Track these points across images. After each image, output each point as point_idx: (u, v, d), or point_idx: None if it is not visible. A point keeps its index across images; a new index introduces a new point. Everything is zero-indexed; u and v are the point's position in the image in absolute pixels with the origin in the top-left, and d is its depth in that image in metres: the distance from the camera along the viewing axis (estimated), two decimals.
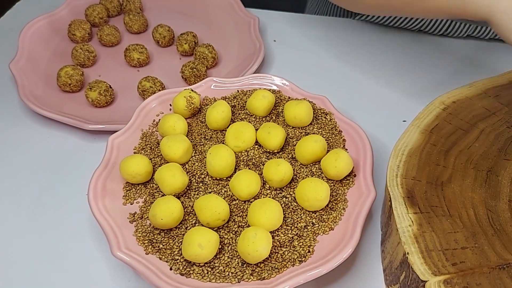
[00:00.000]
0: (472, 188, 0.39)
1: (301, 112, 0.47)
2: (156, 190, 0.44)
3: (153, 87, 0.55)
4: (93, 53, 0.61)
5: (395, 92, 0.59)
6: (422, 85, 0.59)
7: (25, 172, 0.51)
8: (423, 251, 0.35)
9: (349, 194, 0.43)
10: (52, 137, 0.54)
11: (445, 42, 0.65)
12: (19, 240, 0.45)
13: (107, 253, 0.43)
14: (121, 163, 0.44)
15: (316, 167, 0.45)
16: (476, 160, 0.41)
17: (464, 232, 0.36)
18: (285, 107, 0.48)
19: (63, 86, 0.56)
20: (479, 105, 0.46)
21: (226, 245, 0.40)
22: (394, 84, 0.59)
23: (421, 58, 0.63)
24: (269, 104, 0.49)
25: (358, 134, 0.46)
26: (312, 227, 0.40)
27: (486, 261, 0.34)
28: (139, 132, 0.49)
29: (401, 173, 0.40)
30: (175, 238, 0.40)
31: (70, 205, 0.47)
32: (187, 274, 0.38)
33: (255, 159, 0.45)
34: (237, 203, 0.42)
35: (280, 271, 0.38)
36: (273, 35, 0.67)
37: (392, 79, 0.60)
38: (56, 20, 0.67)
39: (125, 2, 0.69)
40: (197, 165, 0.45)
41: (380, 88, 0.59)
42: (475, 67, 0.61)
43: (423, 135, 0.43)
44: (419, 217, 0.37)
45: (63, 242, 0.44)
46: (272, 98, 0.49)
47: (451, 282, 0.33)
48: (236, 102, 0.51)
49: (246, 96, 0.51)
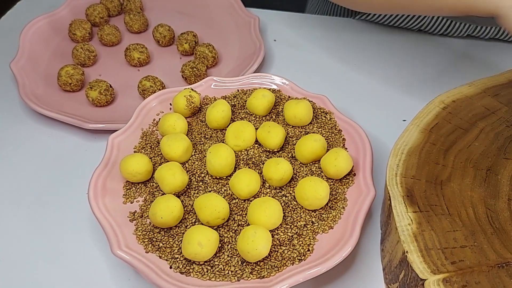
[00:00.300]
0: (472, 187, 0.39)
1: (301, 111, 0.47)
2: (156, 189, 0.44)
3: (153, 86, 0.55)
4: (93, 52, 0.61)
5: (395, 91, 0.59)
6: (421, 84, 0.59)
7: (26, 171, 0.51)
8: (422, 250, 0.35)
9: (348, 193, 0.43)
10: (53, 136, 0.54)
11: (445, 42, 0.66)
12: (19, 239, 0.45)
13: (107, 251, 0.43)
14: (121, 162, 0.44)
15: (316, 166, 0.45)
16: (475, 159, 0.41)
17: (463, 231, 0.36)
18: (285, 106, 0.48)
19: (64, 86, 0.56)
20: (479, 104, 0.46)
21: (225, 244, 0.40)
22: (393, 83, 0.59)
23: (421, 58, 0.63)
24: (269, 104, 0.49)
25: (358, 133, 0.46)
26: (312, 226, 0.40)
27: (485, 259, 0.34)
28: (139, 131, 0.49)
29: (400, 172, 0.40)
30: (175, 236, 0.40)
31: (70, 204, 0.47)
32: (187, 273, 0.38)
33: (255, 158, 0.45)
34: (237, 202, 0.42)
35: (280, 269, 0.38)
36: (273, 34, 0.67)
37: (392, 78, 0.60)
38: (57, 19, 0.67)
39: (125, 1, 0.69)
40: (197, 164, 0.45)
41: (379, 87, 0.59)
42: (475, 67, 0.61)
43: (422, 134, 0.43)
44: (418, 216, 0.37)
45: (63, 241, 0.44)
46: (272, 98, 0.49)
47: (450, 281, 0.33)
48: (236, 101, 0.51)
49: (246, 95, 0.52)
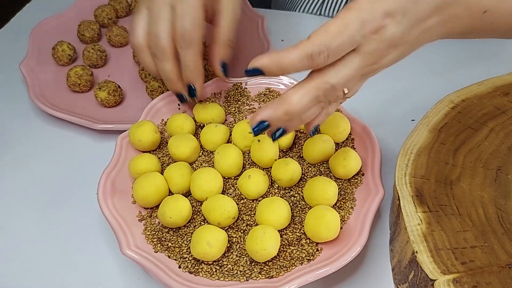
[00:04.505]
0: (482, 187, 0.39)
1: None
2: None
3: (161, 87, 0.55)
4: (104, 52, 0.61)
5: (403, 90, 0.58)
6: (430, 83, 0.59)
7: (35, 171, 0.51)
8: (432, 250, 0.34)
9: (357, 193, 0.42)
10: (62, 136, 0.54)
11: (454, 40, 0.65)
12: (29, 239, 0.45)
13: (116, 251, 0.43)
14: (130, 162, 0.44)
15: (324, 166, 0.45)
16: (485, 158, 0.41)
17: (473, 231, 0.36)
18: None
19: (73, 86, 0.57)
20: (489, 104, 0.45)
21: (234, 244, 0.40)
22: (402, 82, 0.59)
23: (429, 57, 0.63)
24: None
25: (366, 133, 0.46)
26: None
27: (496, 260, 0.34)
28: None
29: (409, 172, 0.40)
30: (184, 236, 0.40)
31: (79, 204, 0.47)
32: (196, 272, 0.38)
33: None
34: (245, 202, 0.42)
35: (288, 269, 0.38)
36: (281, 34, 0.67)
37: (400, 77, 0.60)
38: (66, 21, 0.67)
39: (133, 2, 0.69)
40: (205, 164, 0.45)
41: (388, 87, 0.59)
42: (484, 65, 0.61)
43: (432, 133, 0.43)
44: (428, 215, 0.37)
45: (72, 240, 0.45)
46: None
47: (460, 281, 0.33)
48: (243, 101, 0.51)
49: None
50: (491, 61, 0.62)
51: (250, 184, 0.42)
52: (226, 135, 0.46)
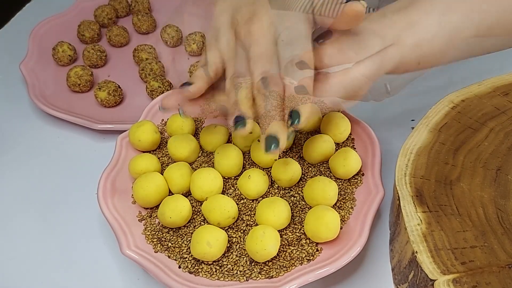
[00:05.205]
0: (482, 187, 0.39)
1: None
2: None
3: (161, 87, 0.55)
4: (104, 53, 0.61)
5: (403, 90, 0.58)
6: (430, 83, 0.59)
7: (35, 171, 0.51)
8: (432, 250, 0.34)
9: (357, 193, 0.43)
10: (62, 136, 0.54)
11: None
12: (29, 239, 0.45)
13: (116, 251, 0.43)
14: (130, 162, 0.44)
15: (324, 166, 0.45)
16: (485, 159, 0.41)
17: (473, 231, 0.36)
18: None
19: (73, 86, 0.57)
20: (489, 104, 0.45)
21: (234, 244, 0.40)
22: None
23: None
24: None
25: (367, 133, 0.46)
26: None
27: (496, 260, 0.34)
28: None
29: (409, 172, 0.40)
30: (184, 236, 0.40)
31: (79, 204, 0.47)
32: (196, 272, 0.38)
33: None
34: (245, 202, 0.42)
35: (288, 269, 0.38)
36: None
37: None
38: (66, 21, 0.67)
39: (133, 2, 0.69)
40: (204, 165, 0.45)
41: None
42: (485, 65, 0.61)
43: (432, 134, 0.43)
44: (427, 216, 0.37)
45: (72, 240, 0.45)
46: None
47: (460, 281, 0.33)
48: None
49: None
50: (491, 61, 0.62)
51: (250, 184, 0.42)
52: (226, 136, 0.46)
